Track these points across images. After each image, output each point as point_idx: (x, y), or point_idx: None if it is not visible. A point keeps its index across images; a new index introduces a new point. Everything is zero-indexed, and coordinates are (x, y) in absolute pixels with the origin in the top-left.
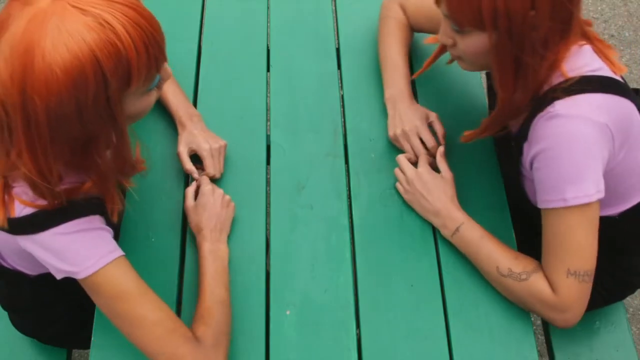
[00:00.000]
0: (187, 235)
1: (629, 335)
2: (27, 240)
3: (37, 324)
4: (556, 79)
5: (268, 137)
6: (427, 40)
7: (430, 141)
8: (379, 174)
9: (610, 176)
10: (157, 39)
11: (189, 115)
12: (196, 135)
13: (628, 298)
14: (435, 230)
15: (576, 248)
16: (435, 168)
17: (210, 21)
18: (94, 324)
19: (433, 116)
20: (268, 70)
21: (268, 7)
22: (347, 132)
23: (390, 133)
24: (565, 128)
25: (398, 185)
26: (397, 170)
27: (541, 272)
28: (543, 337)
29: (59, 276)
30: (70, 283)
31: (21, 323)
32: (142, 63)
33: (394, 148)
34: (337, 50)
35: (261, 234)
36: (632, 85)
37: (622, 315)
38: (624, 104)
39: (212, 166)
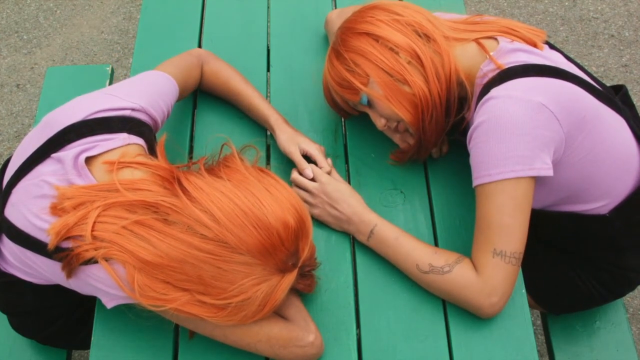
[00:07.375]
0: None
1: (629, 335)
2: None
3: (36, 325)
4: (491, 73)
5: (268, 137)
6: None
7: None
8: (379, 174)
9: (581, 164)
10: None
11: (282, 119)
12: (299, 136)
13: (628, 298)
14: (435, 230)
15: (503, 227)
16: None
17: (210, 21)
18: (94, 324)
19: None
20: (268, 70)
21: (268, 7)
22: (347, 132)
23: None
24: (495, 107)
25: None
26: (295, 188)
27: (465, 262)
28: (543, 337)
29: None
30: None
31: (20, 324)
32: None
33: (394, 148)
34: None
35: None
36: (632, 85)
37: (622, 315)
38: (565, 85)
39: (325, 162)
